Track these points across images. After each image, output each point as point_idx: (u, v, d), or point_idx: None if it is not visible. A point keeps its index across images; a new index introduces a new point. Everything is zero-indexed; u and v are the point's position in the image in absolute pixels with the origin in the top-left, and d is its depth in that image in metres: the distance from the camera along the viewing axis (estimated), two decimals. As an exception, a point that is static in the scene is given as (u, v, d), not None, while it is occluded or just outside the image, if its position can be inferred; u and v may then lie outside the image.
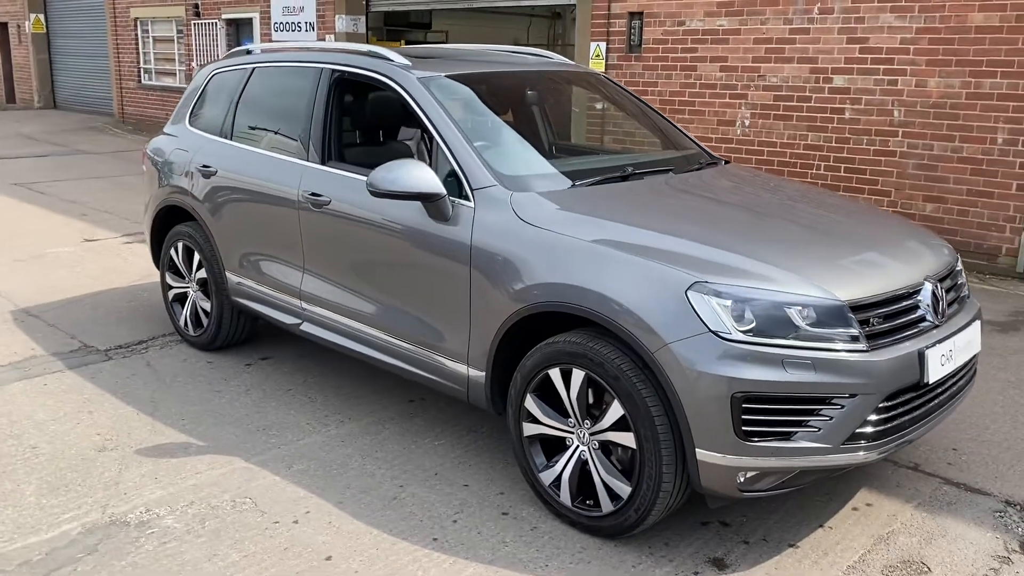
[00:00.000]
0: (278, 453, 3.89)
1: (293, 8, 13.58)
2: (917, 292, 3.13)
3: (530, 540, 3.22)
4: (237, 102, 4.82)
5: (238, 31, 15.10)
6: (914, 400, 3.04)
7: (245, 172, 4.57)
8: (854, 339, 2.87)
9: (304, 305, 4.31)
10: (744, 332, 2.81)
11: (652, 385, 2.96)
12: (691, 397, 2.83)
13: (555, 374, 3.21)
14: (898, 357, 2.91)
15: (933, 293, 3.18)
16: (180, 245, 5.09)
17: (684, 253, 3.03)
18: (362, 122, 4.60)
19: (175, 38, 16.68)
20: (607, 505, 3.14)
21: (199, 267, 4.99)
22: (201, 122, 5.09)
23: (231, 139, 4.80)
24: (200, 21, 15.56)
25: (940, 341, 3.07)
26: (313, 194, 4.12)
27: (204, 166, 4.80)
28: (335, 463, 3.80)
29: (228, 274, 4.78)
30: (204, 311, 5.03)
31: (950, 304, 3.31)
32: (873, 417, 2.90)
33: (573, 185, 3.62)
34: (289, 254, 4.35)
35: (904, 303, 3.07)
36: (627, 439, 3.02)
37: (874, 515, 3.43)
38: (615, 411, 3.04)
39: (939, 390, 3.18)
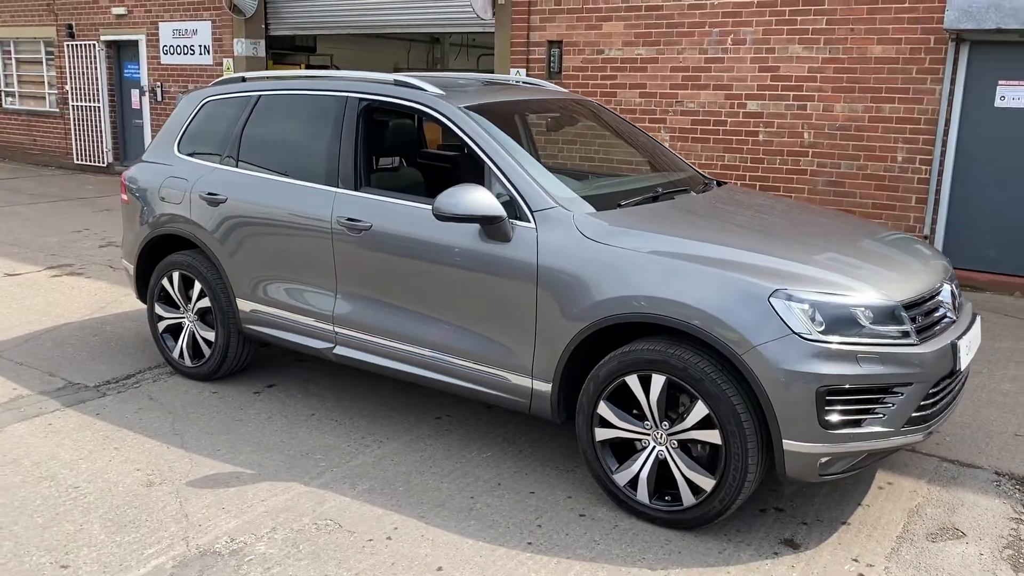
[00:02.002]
0: (334, 475, 3.93)
1: (185, 31, 13.20)
2: (939, 292, 3.61)
3: (617, 537, 3.45)
4: (242, 129, 4.80)
5: (119, 54, 14.49)
6: (947, 387, 3.50)
7: (262, 199, 4.57)
8: (906, 335, 3.28)
9: (337, 329, 4.36)
10: (820, 333, 3.17)
11: (736, 384, 3.27)
12: (780, 393, 3.16)
13: (633, 381, 3.46)
14: (939, 349, 3.35)
15: (951, 292, 3.67)
16: (176, 275, 4.99)
17: (756, 264, 3.37)
18: (394, 149, 4.72)
19: (44, 60, 15.78)
20: (689, 499, 3.42)
21: (200, 296, 4.91)
22: (195, 150, 5.02)
23: (237, 167, 4.78)
24: (75, 43, 14.81)
25: (963, 334, 3.54)
26: (351, 219, 4.20)
27: (211, 193, 4.75)
28: (396, 481, 3.89)
29: (240, 301, 4.74)
30: (206, 341, 4.95)
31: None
32: (923, 402, 3.32)
33: (619, 206, 3.90)
34: (319, 279, 4.39)
35: (933, 302, 3.53)
36: (711, 436, 3.31)
37: (897, 492, 3.87)
38: (699, 411, 3.32)
39: (958, 377, 3.66)
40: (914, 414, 3.30)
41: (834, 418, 3.18)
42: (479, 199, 3.67)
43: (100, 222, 10.30)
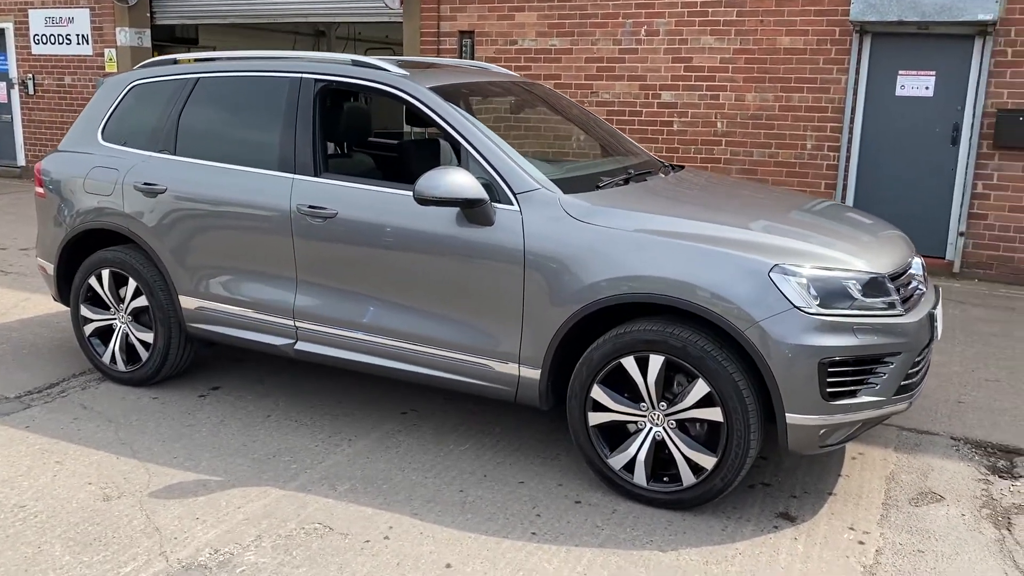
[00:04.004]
0: (310, 477, 3.71)
1: (60, 19, 12.32)
2: (912, 265, 3.73)
3: (619, 522, 3.40)
4: (180, 115, 4.47)
5: (-18, 43, 13.38)
6: (925, 356, 3.62)
7: (207, 188, 4.27)
8: (892, 305, 3.37)
9: (299, 323, 4.12)
10: (818, 306, 3.21)
11: (736, 361, 3.27)
12: (783, 366, 3.18)
13: (629, 362, 3.41)
14: (921, 319, 3.46)
15: (921, 266, 3.80)
16: (105, 272, 4.60)
17: (751, 240, 3.38)
18: (357, 132, 4.51)
19: None
20: (689, 478, 3.40)
21: (135, 295, 4.55)
22: (124, 137, 4.64)
23: (176, 154, 4.45)
24: (-71, 31, 13.56)
25: (936, 305, 3.67)
26: (313, 207, 3.97)
27: (147, 183, 4.40)
28: (377, 479, 3.70)
29: (183, 299, 4.42)
30: (142, 343, 4.59)
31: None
32: (909, 371, 3.43)
33: (598, 187, 3.84)
34: (276, 271, 4.14)
35: (907, 275, 3.65)
36: (713, 414, 3.30)
37: (870, 461, 3.98)
38: (699, 389, 3.31)
39: (931, 347, 3.80)
40: (903, 383, 3.39)
41: (834, 389, 3.23)
42: (461, 182, 3.54)
43: (-24, 224, 9.48)
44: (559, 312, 3.51)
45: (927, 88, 7.76)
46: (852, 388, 3.28)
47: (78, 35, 12.28)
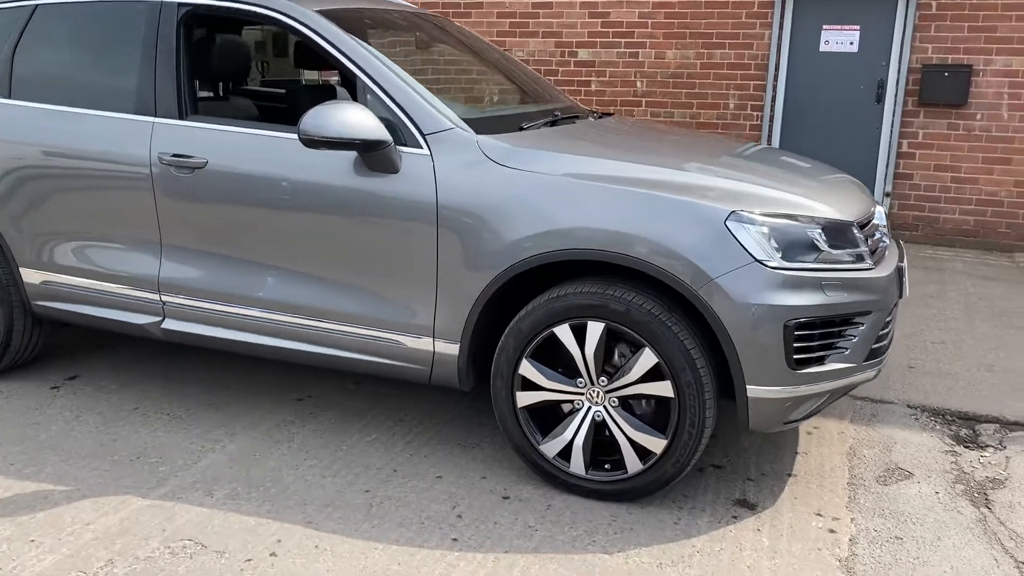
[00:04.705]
0: (181, 482, 3.06)
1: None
2: (875, 215, 3.31)
3: (555, 519, 2.88)
4: (14, 51, 3.70)
5: None
6: (893, 317, 3.21)
7: (48, 137, 3.53)
8: (861, 258, 2.93)
9: (165, 298, 3.44)
10: (781, 259, 2.74)
11: (688, 326, 2.79)
12: (744, 331, 2.70)
13: (563, 331, 2.88)
14: (890, 274, 3.03)
15: (884, 215, 3.38)
16: (-74, 244, 3.81)
17: (702, 185, 2.88)
18: (234, 70, 3.82)
19: None
20: (635, 465, 2.90)
21: (-35, 270, 3.77)
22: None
23: (10, 98, 3.68)
24: None
25: (901, 258, 3.26)
26: (178, 156, 3.29)
27: (-28, 133, 3.63)
28: (265, 481, 3.09)
29: (25, 272, 3.67)
30: (-23, 327, 3.82)
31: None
32: (881, 332, 3.00)
33: (521, 128, 3.29)
34: (136, 235, 3.44)
35: (871, 225, 3.22)
36: (662, 389, 2.81)
37: (827, 436, 3.58)
38: (646, 360, 2.81)
39: (896, 308, 3.40)
40: (873, 346, 2.96)
41: (800, 356, 2.77)
42: (358, 119, 2.93)
43: None
44: (479, 276, 2.95)
45: (851, 43, 7.46)
46: (820, 354, 2.82)
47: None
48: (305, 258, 3.20)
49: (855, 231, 2.94)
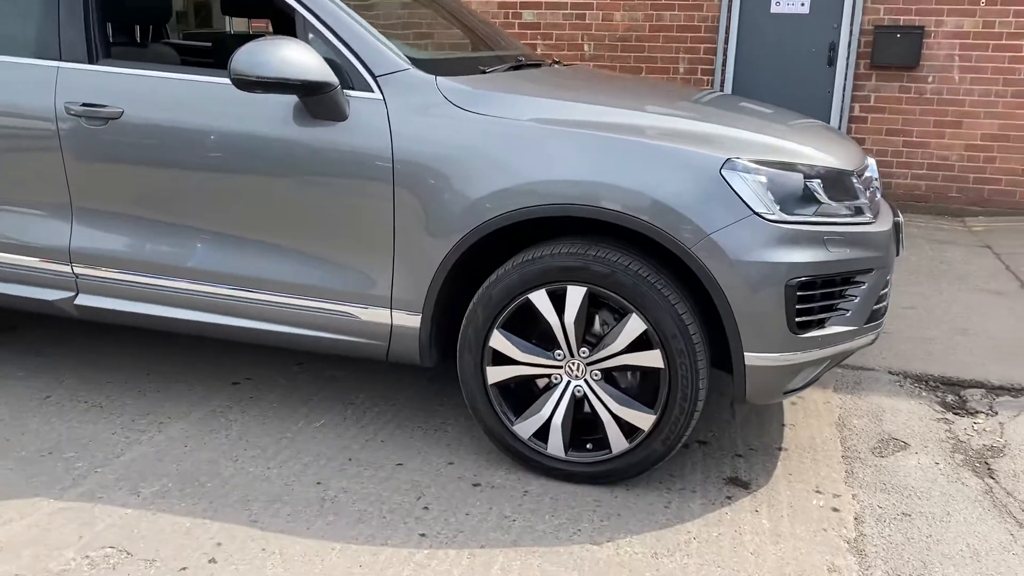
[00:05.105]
0: (101, 479, 2.66)
1: None
2: (869, 165, 3.06)
3: (534, 507, 2.57)
4: None
5: None
6: (890, 278, 2.97)
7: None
8: (860, 211, 2.68)
9: (79, 270, 3.01)
10: (781, 211, 2.47)
11: (679, 288, 2.50)
12: (741, 293, 2.42)
13: (540, 297, 2.57)
14: (888, 229, 2.79)
15: (874, 167, 3.14)
16: None
17: (690, 131, 2.59)
18: (153, 11, 3.38)
19: None
20: (620, 443, 2.61)
21: None
22: None
23: None
24: None
25: (897, 214, 3.03)
26: (89, 105, 2.86)
27: None
28: (200, 474, 2.71)
29: (-89, 244, 3.19)
30: None
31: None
32: (881, 293, 2.76)
33: (482, 71, 2.95)
34: (41, 199, 2.99)
35: (866, 176, 2.98)
36: (651, 359, 2.52)
37: (812, 406, 3.35)
38: (632, 328, 2.51)
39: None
40: (874, 307, 2.72)
41: (802, 319, 2.51)
42: (298, 56, 2.55)
43: None
44: (443, 238, 2.61)
45: (803, 4, 7.26)
46: (820, 317, 2.57)
47: None
48: (240, 221, 2.81)
49: (856, 181, 2.69)
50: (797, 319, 2.48)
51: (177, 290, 2.92)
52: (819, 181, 2.57)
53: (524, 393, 2.73)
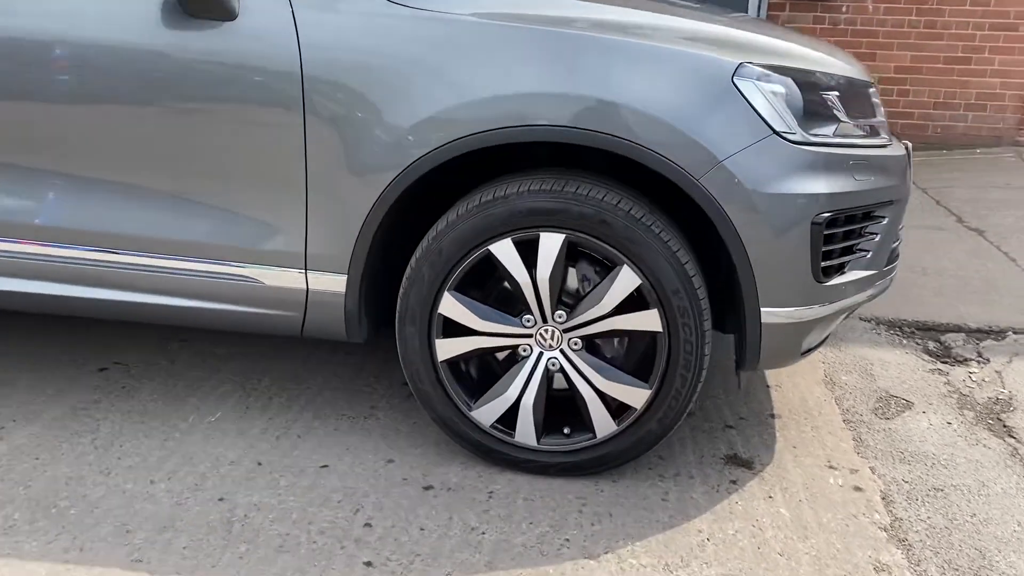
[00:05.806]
0: (-82, 516, 1.96)
1: None
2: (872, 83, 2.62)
3: (506, 514, 2.04)
4: None
5: None
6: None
7: None
8: (875, 131, 2.24)
9: None
10: (803, 130, 1.99)
11: (679, 232, 1.99)
12: (761, 233, 1.94)
13: (503, 248, 2.01)
14: (904, 154, 2.37)
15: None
16: None
17: (686, 28, 2.07)
18: None
19: None
20: (606, 426, 2.10)
21: None
22: None
23: None
24: None
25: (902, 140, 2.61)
26: None
27: None
28: (59, 498, 2.04)
29: None
30: None
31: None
32: (899, 229, 2.34)
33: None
34: None
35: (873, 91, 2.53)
36: (646, 320, 2.01)
37: (796, 364, 2.94)
38: (624, 283, 1.99)
39: None
40: (892, 245, 2.30)
41: (826, 263, 2.05)
42: (167, -68, 1.86)
43: None
44: (372, 176, 2.00)
45: (714, -71, 6.83)
46: (841, 260, 2.12)
47: None
48: (101, 161, 2.11)
49: (874, 95, 2.23)
50: (822, 263, 2.02)
51: (18, 254, 2.19)
52: (837, 94, 2.09)
53: (483, 370, 2.18)
